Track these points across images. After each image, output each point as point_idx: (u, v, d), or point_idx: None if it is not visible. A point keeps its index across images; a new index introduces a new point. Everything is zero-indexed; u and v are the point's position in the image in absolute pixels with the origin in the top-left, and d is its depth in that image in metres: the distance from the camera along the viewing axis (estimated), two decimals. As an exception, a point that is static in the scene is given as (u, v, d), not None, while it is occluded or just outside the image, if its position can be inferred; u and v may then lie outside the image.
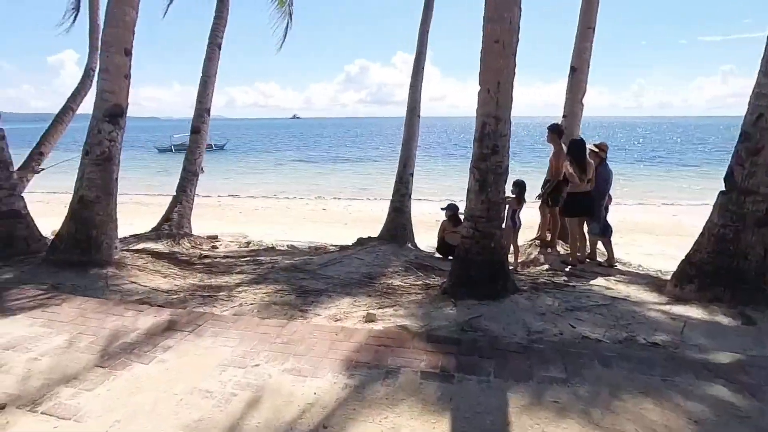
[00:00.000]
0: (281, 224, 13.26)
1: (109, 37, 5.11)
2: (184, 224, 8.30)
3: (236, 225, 12.98)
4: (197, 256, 6.82)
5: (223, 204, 18.51)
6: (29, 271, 4.92)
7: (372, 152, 49.15)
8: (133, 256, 5.62)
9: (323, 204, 18.26)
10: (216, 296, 4.55)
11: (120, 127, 5.29)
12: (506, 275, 4.09)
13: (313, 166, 36.20)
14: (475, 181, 4.00)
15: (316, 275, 5.46)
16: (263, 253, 7.27)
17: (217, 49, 9.13)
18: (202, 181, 27.56)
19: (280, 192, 22.44)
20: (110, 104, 5.16)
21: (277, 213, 15.82)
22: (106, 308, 3.79)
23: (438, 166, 33.77)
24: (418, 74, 8.30)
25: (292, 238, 10.59)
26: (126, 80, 5.27)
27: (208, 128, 9.21)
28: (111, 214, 5.31)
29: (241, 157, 45.34)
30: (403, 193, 7.81)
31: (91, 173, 5.14)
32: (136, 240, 7.44)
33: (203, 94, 8.95)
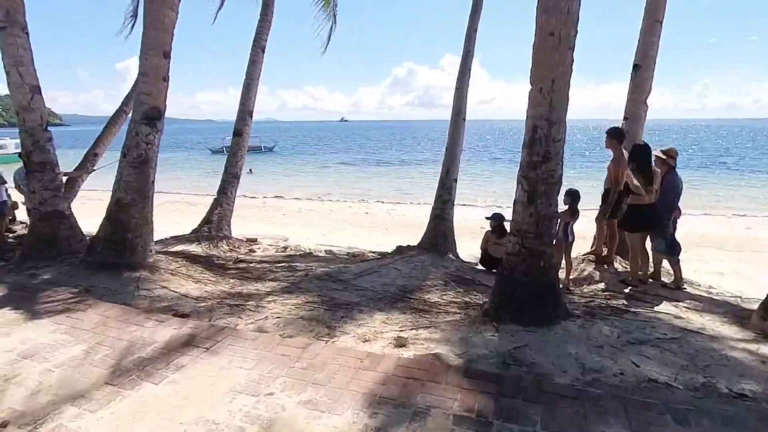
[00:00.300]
0: (322, 227, 13.18)
1: (148, 39, 5.08)
2: (223, 227, 8.30)
3: (278, 227, 13.04)
4: (233, 261, 6.74)
5: (268, 205, 18.78)
6: (66, 271, 4.97)
7: (417, 155, 48.76)
8: (167, 260, 5.58)
9: (366, 207, 18.09)
10: (244, 306, 4.36)
11: (157, 130, 5.25)
12: (556, 298, 3.61)
13: (358, 169, 36.29)
14: (523, 191, 3.55)
15: (350, 286, 5.17)
16: (299, 259, 7.09)
17: (261, 52, 9.11)
18: (249, 182, 28.30)
19: (324, 194, 22.54)
20: (148, 107, 5.13)
21: (320, 215, 15.79)
22: (129, 317, 3.67)
23: (483, 170, 32.92)
24: (464, 75, 7.87)
25: (331, 242, 10.44)
26: (164, 83, 5.23)
27: (250, 131, 9.20)
28: (146, 217, 5.28)
29: (289, 158, 46.29)
30: (445, 199, 7.39)
31: (127, 176, 5.13)
32: (176, 241, 7.49)
33: (246, 97, 8.95)
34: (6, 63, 5.22)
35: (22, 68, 5.25)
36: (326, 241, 10.47)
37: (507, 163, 38.88)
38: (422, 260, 6.41)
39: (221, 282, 5.32)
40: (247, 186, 24.98)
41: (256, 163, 38.45)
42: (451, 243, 7.23)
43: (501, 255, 6.47)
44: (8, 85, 5.30)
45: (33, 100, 5.37)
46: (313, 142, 79.37)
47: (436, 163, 37.51)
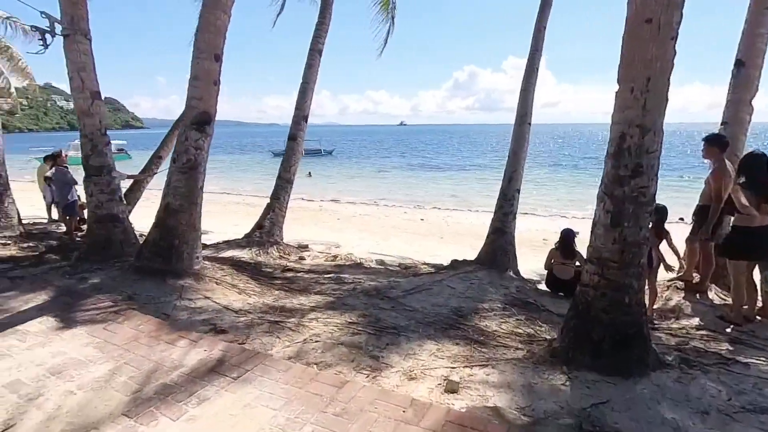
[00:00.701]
0: (376, 233, 12.87)
1: (200, 42, 4.98)
2: (275, 232, 8.19)
3: (331, 232, 12.89)
4: (281, 269, 6.55)
5: (324, 208, 18.83)
6: (115, 276, 4.95)
7: (476, 160, 47.50)
8: (214, 267, 5.46)
9: (421, 213, 17.61)
10: (284, 323, 4.07)
11: (207, 135, 5.14)
12: (644, 343, 2.96)
13: (415, 174, 35.86)
14: (606, 212, 2.95)
15: (399, 305, 4.75)
16: (348, 270, 6.78)
17: (317, 55, 8.96)
18: (307, 184, 28.65)
19: (379, 199, 22.33)
20: (198, 111, 5.03)
21: (374, 221, 15.51)
22: (162, 333, 3.48)
23: (544, 176, 31.27)
24: (531, 76, 7.22)
25: (384, 250, 10.09)
26: (215, 87, 5.11)
27: (305, 135, 9.07)
28: (194, 224, 5.17)
29: (347, 162, 46.80)
30: (506, 211, 6.77)
31: (176, 181, 5.05)
32: (227, 246, 7.45)
33: (302, 102, 8.83)
34: (69, 68, 5.35)
35: (83, 74, 5.35)
36: (378, 249, 10.14)
37: (570, 170, 36.84)
38: (479, 278, 5.86)
39: (265, 293, 5.09)
40: (305, 189, 25.38)
41: (315, 166, 39.17)
42: (512, 259, 6.59)
43: (567, 276, 5.80)
44: (71, 90, 5.43)
45: (93, 105, 5.46)
46: (371, 146, 80.00)
47: (494, 169, 36.35)
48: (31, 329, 3.54)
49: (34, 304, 4.06)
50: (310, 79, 8.86)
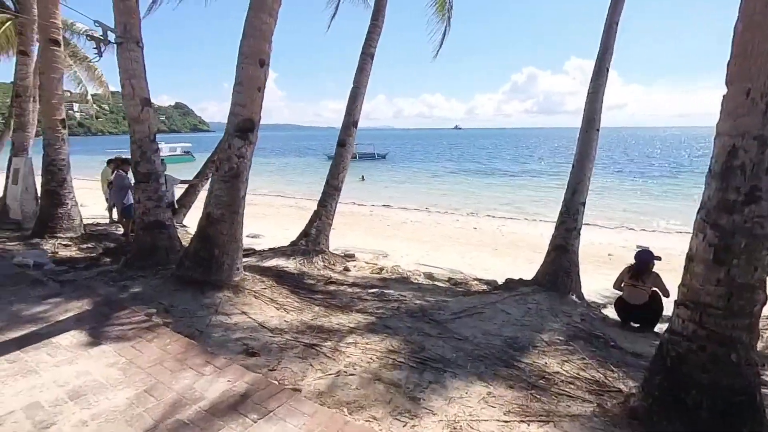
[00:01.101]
0: (426, 242, 12.39)
1: (245, 47, 4.81)
2: (321, 240, 7.98)
3: (380, 239, 12.56)
4: (324, 281, 6.29)
5: (375, 214, 18.59)
6: (156, 285, 4.88)
7: (533, 166, 45.57)
8: (254, 279, 5.27)
9: (475, 221, 16.90)
10: (320, 347, 3.76)
11: (250, 143, 4.96)
12: (758, 416, 2.33)
13: (469, 179, 34.90)
14: (708, 245, 2.36)
15: (446, 331, 4.30)
16: (394, 284, 6.40)
17: (369, 59, 8.69)
18: (360, 189, 28.60)
19: (431, 204, 21.78)
20: (241, 118, 4.86)
21: (425, 228, 15.03)
22: (189, 356, 3.26)
23: (608, 183, 29.22)
24: (600, 76, 6.51)
25: (434, 261, 9.62)
26: (259, 93, 4.92)
27: (354, 141, 8.81)
28: (235, 234, 5.01)
29: (401, 166, 46.51)
30: (569, 227, 6.11)
31: (218, 190, 4.90)
32: (272, 254, 7.31)
33: (352, 106, 8.59)
34: (121, 76, 5.38)
35: (134, 81, 5.36)
36: (428, 260, 9.68)
37: (636, 177, 34.37)
38: (537, 302, 5.27)
39: (304, 310, 4.82)
40: (357, 193, 25.34)
41: (369, 170, 39.20)
42: (575, 281, 5.92)
43: (639, 301, 5.05)
44: (122, 97, 5.47)
45: (143, 112, 5.47)
46: (425, 150, 79.33)
47: (552, 176, 34.66)
48: (63, 342, 3.45)
49: (73, 314, 4.02)
50: (361, 83, 8.61)
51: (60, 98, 7.57)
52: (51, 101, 7.43)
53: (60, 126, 7.55)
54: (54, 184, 7.53)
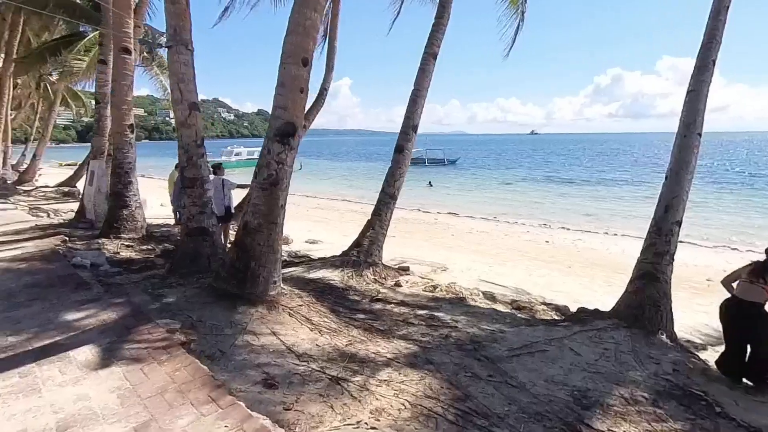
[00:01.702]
0: (490, 255, 11.49)
1: (287, 45, 4.48)
2: (373, 252, 7.53)
3: (441, 250, 11.88)
4: (370, 297, 5.81)
5: (439, 222, 17.88)
6: (190, 296, 4.68)
7: (615, 174, 41.94)
8: (291, 294, 4.91)
9: (547, 234, 15.61)
10: (347, 383, 3.28)
11: (291, 148, 4.61)
12: None
13: (543, 187, 32.85)
14: None
15: (498, 374, 3.63)
16: (447, 306, 5.76)
17: (432, 59, 8.13)
18: (427, 195, 27.95)
19: (500, 213, 20.61)
20: (282, 122, 4.52)
21: (491, 240, 14.09)
22: (195, 386, 2.91)
23: (708, 196, 25.83)
24: (703, 73, 5.43)
25: (497, 277, 8.80)
26: (301, 94, 4.57)
27: (413, 146, 8.28)
28: (273, 245, 4.68)
29: (471, 172, 45.15)
30: (660, 250, 5.10)
31: (256, 198, 4.61)
32: (321, 265, 6.97)
33: (411, 110, 8.06)
34: (170, 80, 5.32)
35: (182, 85, 5.27)
36: (490, 276, 8.87)
37: (742, 189, 30.20)
38: (616, 341, 4.38)
39: (341, 332, 4.37)
40: (423, 199, 24.76)
41: (437, 176, 38.45)
42: (665, 317, 4.89)
43: (754, 298, 3.85)
44: (171, 102, 5.40)
45: (190, 117, 5.36)
46: (497, 156, 76.73)
47: (637, 185, 31.71)
48: (79, 357, 3.28)
49: (99, 324, 3.90)
50: (422, 85, 8.07)
51: (129, 104, 7.84)
52: (121, 107, 7.71)
53: (128, 130, 7.81)
54: (120, 186, 7.80)
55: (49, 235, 7.73)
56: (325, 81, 11.59)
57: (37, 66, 18.29)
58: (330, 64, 11.58)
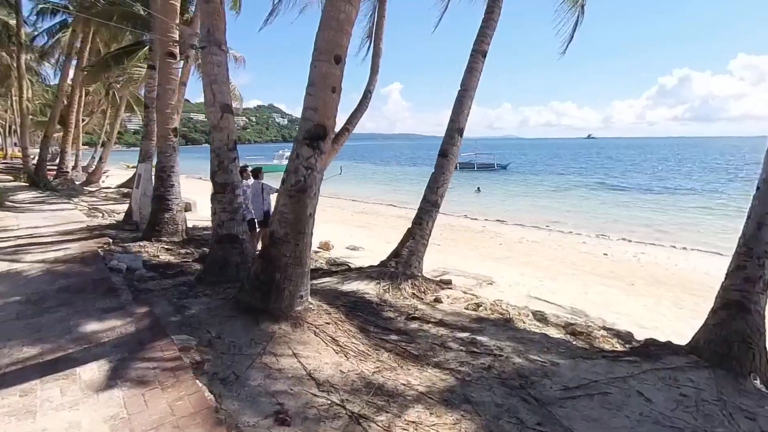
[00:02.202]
0: (542, 269, 10.68)
1: (319, 42, 4.14)
2: (413, 263, 7.06)
3: (488, 260, 11.20)
4: (406, 314, 5.35)
5: (487, 230, 17.09)
6: (213, 308, 4.44)
7: (681, 182, 38.80)
8: (319, 310, 4.54)
9: (605, 245, 14.46)
10: (370, 422, 2.86)
11: (321, 152, 4.27)
12: None
13: (600, 195, 30.91)
14: None
15: (549, 420, 3.07)
16: (491, 328, 5.18)
17: (481, 57, 7.58)
18: (474, 201, 26.99)
19: (553, 222, 19.46)
20: (312, 124, 4.18)
21: (542, 251, 13.19)
22: (194, 422, 2.58)
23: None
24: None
25: (549, 294, 8.07)
26: (333, 94, 4.20)
27: (459, 151, 7.75)
28: (300, 257, 4.34)
29: (523, 178, 43.51)
30: (752, 275, 4.26)
31: (283, 206, 4.29)
32: (356, 275, 6.58)
33: (458, 112, 7.54)
34: (203, 81, 5.14)
35: (215, 86, 5.07)
36: (542, 293, 8.15)
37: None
38: (696, 385, 3.65)
39: (369, 356, 3.94)
40: (471, 206, 23.95)
41: (487, 181, 37.33)
42: (759, 357, 4.06)
43: None
44: (204, 104, 5.23)
45: (222, 119, 5.16)
46: (551, 161, 73.77)
47: (709, 194, 29.04)
48: (84, 375, 3.07)
49: (116, 336, 3.71)
50: (469, 85, 7.53)
51: (174, 108, 7.87)
52: (165, 111, 7.75)
53: (172, 134, 7.84)
54: (162, 190, 7.83)
55: (96, 236, 7.88)
56: (370, 83, 11.25)
57: (103, 74, 19.35)
58: (375, 67, 11.23)
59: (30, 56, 23.97)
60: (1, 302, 4.54)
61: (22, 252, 6.76)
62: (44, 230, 8.56)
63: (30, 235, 8.09)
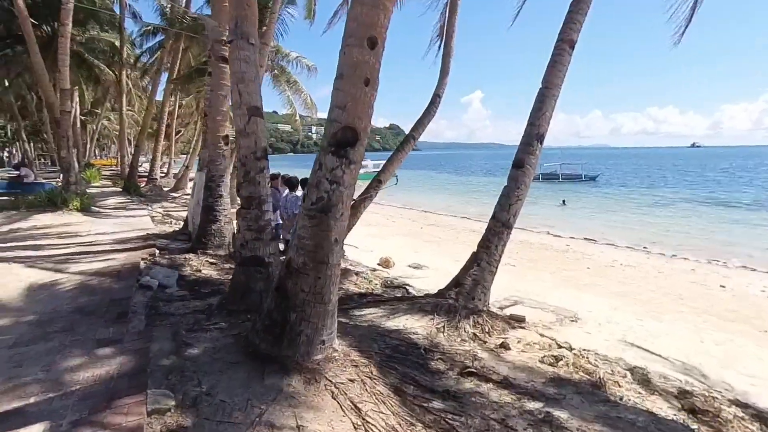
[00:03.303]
0: (640, 302, 8.83)
1: (350, 21, 3.25)
2: (476, 294, 5.89)
3: (572, 289, 9.56)
4: (460, 367, 4.23)
5: (572, 250, 15.10)
6: (217, 350, 3.67)
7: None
8: (344, 359, 3.60)
9: (721, 274, 11.95)
10: None
11: (350, 162, 3.35)
12: None
13: (709, 211, 26.81)
14: None
15: None
16: (574, 398, 3.89)
17: (568, 48, 6.26)
18: (558, 216, 24.57)
19: (652, 242, 16.88)
20: (338, 126, 3.29)
21: (640, 278, 11.15)
22: None
23: None
24: None
25: (651, 339, 6.46)
26: (366, 88, 3.28)
27: (538, 161, 6.45)
28: (322, 293, 3.45)
29: (614, 191, 39.50)
30: None
31: (301, 228, 3.43)
32: (406, 308, 5.57)
33: (537, 114, 6.26)
34: (231, 80, 4.50)
35: (242, 85, 4.40)
36: (641, 337, 6.52)
37: None
38: None
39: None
40: (555, 221, 21.77)
41: (572, 193, 34.36)
42: None
43: None
44: (231, 106, 4.58)
45: (249, 124, 4.46)
46: (648, 172, 66.81)
47: None
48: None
49: (87, 385, 3.06)
50: (553, 81, 6.23)
51: (225, 115, 7.48)
52: (216, 117, 7.38)
53: (222, 142, 7.45)
54: (211, 200, 7.45)
55: (147, 246, 7.68)
56: (439, 87, 10.22)
57: (188, 86, 20.39)
58: (445, 68, 10.20)
59: (134, 73, 26.23)
60: (11, 322, 4.21)
61: (72, 261, 6.66)
62: (106, 237, 8.62)
63: (91, 242, 8.13)
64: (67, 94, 12.54)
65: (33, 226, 9.98)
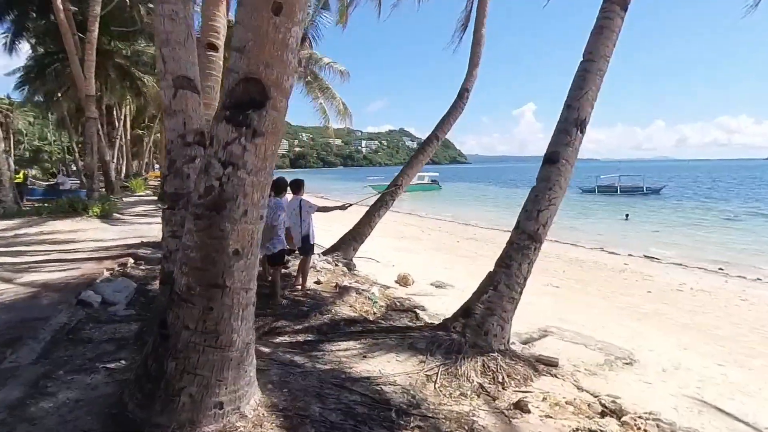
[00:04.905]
0: (718, 340, 6.89)
1: None
2: (490, 327, 4.47)
3: (627, 318, 7.78)
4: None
5: (631, 270, 12.89)
6: (82, 402, 2.58)
7: None
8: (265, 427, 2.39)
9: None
10: None
11: (255, 133, 2.17)
12: None
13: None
14: None
15: None
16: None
17: (618, 10, 4.83)
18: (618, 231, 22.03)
19: (728, 264, 14.31)
20: (235, 78, 2.13)
21: (717, 307, 9.04)
22: None
23: None
24: None
25: (734, 395, 4.77)
26: (278, 19, 2.11)
27: (576, 155, 4.98)
28: (216, 331, 2.27)
29: (680, 205, 35.77)
30: None
31: (187, 236, 2.28)
32: (394, 343, 4.25)
33: (577, 94, 4.83)
34: (155, 44, 3.49)
35: (165, 50, 3.37)
36: (721, 393, 4.82)
37: None
38: None
39: None
40: (613, 236, 19.47)
41: (635, 207, 31.52)
42: None
43: None
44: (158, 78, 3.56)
45: (176, 99, 3.44)
46: (722, 186, 60.84)
47: None
48: None
49: None
50: (598, 51, 4.79)
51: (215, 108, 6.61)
52: (202, 111, 6.49)
53: (208, 139, 6.54)
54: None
55: (125, 254, 6.91)
56: (467, 80, 8.94)
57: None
58: (474, 59, 8.92)
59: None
60: None
61: (33, 269, 5.97)
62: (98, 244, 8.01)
63: (75, 249, 7.51)
64: (92, 100, 12.36)
65: (39, 232, 9.63)
